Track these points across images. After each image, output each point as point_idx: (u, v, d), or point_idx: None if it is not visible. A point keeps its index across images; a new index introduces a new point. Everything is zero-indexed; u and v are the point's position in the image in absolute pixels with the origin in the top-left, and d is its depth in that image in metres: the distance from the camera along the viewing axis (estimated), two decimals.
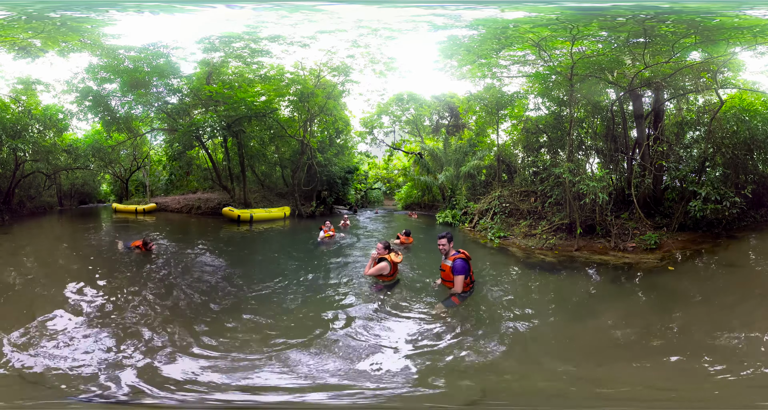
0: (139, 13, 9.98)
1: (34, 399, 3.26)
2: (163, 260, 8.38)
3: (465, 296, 5.31)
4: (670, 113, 11.97)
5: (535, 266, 8.24)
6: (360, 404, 3.26)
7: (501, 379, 3.68)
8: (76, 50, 13.16)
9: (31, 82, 16.00)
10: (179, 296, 5.90)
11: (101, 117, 18.04)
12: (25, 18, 9.88)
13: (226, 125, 17.11)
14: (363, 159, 28.32)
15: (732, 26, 8.25)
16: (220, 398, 3.31)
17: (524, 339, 4.49)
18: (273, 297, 5.97)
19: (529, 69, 12.22)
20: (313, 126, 20.80)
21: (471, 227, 13.94)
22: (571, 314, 5.52)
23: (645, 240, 8.90)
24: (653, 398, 3.35)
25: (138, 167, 26.36)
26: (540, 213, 11.88)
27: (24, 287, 6.34)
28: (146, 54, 14.59)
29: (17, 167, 16.93)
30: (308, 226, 15.77)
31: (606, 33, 9.48)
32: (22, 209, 18.27)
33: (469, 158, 17.01)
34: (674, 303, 5.71)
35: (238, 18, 11.52)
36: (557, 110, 13.25)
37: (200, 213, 19.86)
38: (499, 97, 14.47)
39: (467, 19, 9.87)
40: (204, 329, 4.66)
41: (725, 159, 9.52)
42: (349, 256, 9.18)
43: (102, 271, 7.18)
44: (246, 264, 8.42)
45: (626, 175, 11.08)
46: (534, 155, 14.50)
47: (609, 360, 4.07)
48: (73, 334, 4.40)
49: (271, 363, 3.84)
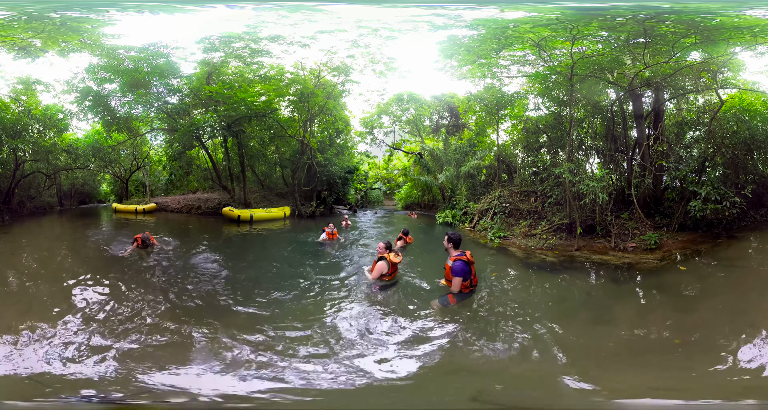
0: (139, 13, 9.97)
1: (34, 399, 3.26)
2: (163, 260, 8.38)
3: (462, 297, 5.31)
4: (670, 113, 11.97)
5: (535, 266, 8.24)
6: (359, 404, 3.26)
7: (500, 379, 3.68)
8: (76, 50, 13.15)
9: (31, 82, 15.98)
10: (179, 297, 5.90)
11: (101, 117, 18.04)
12: (25, 18, 9.88)
13: (226, 125, 17.11)
14: (363, 159, 28.33)
15: (732, 26, 8.25)
16: (219, 398, 3.31)
17: (524, 339, 4.49)
18: (272, 297, 5.96)
19: (529, 69, 12.22)
20: (313, 126, 20.81)
21: (471, 227, 13.94)
22: (570, 314, 5.52)
23: (645, 240, 8.90)
24: (653, 398, 3.35)
25: (138, 167, 26.36)
26: (540, 213, 11.88)
27: (24, 286, 6.34)
28: (146, 54, 14.58)
29: (17, 167, 16.92)
30: (308, 226, 15.77)
31: (606, 33, 9.48)
32: (22, 209, 18.27)
33: (469, 158, 17.01)
34: (674, 303, 5.71)
35: (238, 18, 11.52)
36: (557, 110, 13.25)
37: (200, 213, 19.86)
38: (499, 97, 14.46)
39: (467, 19, 9.87)
40: (204, 329, 4.66)
41: (725, 159, 9.51)
42: (349, 256, 9.19)
43: (102, 271, 7.18)
44: (246, 264, 8.42)
45: (626, 175, 11.08)
46: (534, 155, 14.49)
47: (609, 360, 4.07)
48: (73, 334, 4.40)
49: (270, 363, 3.84)
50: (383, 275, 6.18)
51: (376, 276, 6.14)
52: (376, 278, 6.15)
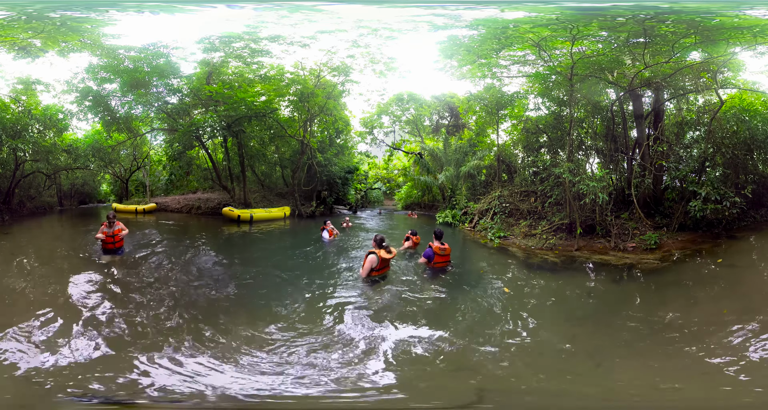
0: (139, 13, 9.97)
1: (34, 399, 3.26)
2: (163, 260, 8.38)
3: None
4: (670, 113, 11.96)
5: (535, 267, 8.24)
6: (357, 404, 3.26)
7: (500, 379, 3.68)
8: (76, 50, 13.14)
9: (31, 82, 15.97)
10: (179, 297, 5.90)
11: (101, 117, 18.01)
12: (25, 18, 9.87)
13: (226, 125, 17.10)
14: (363, 159, 28.31)
15: (732, 26, 8.25)
16: (219, 398, 3.31)
17: (524, 339, 4.49)
18: (272, 297, 5.96)
19: (529, 69, 12.22)
20: (313, 126, 20.79)
21: (471, 227, 13.94)
22: (570, 314, 5.52)
23: (645, 240, 8.90)
24: (654, 398, 3.35)
25: (138, 167, 26.34)
26: (540, 213, 11.88)
27: (24, 286, 6.33)
28: (146, 54, 14.57)
29: (17, 167, 16.91)
30: (308, 226, 15.77)
31: (606, 33, 9.47)
32: (22, 209, 18.26)
33: (469, 158, 17.00)
34: (675, 303, 5.70)
35: (238, 18, 11.51)
36: (557, 110, 13.25)
37: (200, 213, 19.86)
38: (499, 97, 14.45)
39: (467, 19, 9.86)
40: (204, 329, 4.66)
41: (725, 159, 9.51)
42: (348, 256, 9.18)
43: (102, 271, 7.18)
44: (245, 264, 8.42)
45: (626, 175, 11.08)
46: (534, 155, 14.49)
47: (609, 360, 4.07)
48: (73, 334, 4.40)
49: (270, 363, 3.84)
50: (373, 270, 6.28)
51: (367, 270, 6.26)
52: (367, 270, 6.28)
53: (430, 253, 7.16)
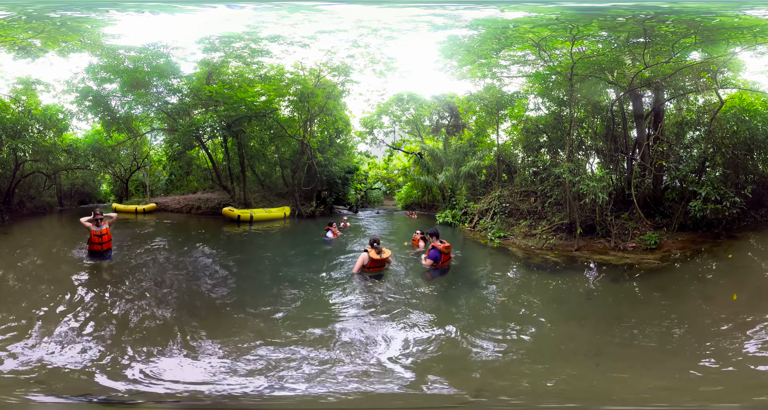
0: (139, 13, 9.97)
1: (34, 399, 3.26)
2: (163, 260, 8.38)
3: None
4: (670, 113, 11.95)
5: (536, 266, 8.24)
6: (357, 402, 3.26)
7: (499, 379, 3.68)
8: (76, 50, 13.13)
9: (31, 82, 15.95)
10: (179, 296, 5.90)
11: (101, 117, 18.00)
12: (25, 18, 9.87)
13: (226, 125, 17.10)
14: (363, 159, 28.27)
15: (732, 26, 8.25)
16: (219, 398, 3.31)
17: (524, 339, 4.49)
18: (272, 298, 5.96)
19: (529, 69, 12.21)
20: (313, 126, 20.78)
21: (471, 227, 13.93)
22: (570, 314, 5.52)
23: (645, 240, 8.89)
24: (654, 398, 3.35)
25: (138, 167, 26.32)
26: (540, 213, 11.88)
27: (24, 286, 6.33)
28: (146, 54, 14.56)
29: (17, 167, 16.90)
30: (308, 226, 15.77)
31: (606, 33, 9.47)
32: (22, 209, 18.25)
33: (469, 158, 16.99)
34: (675, 303, 5.71)
35: (238, 18, 11.51)
36: (557, 110, 13.24)
37: (200, 213, 19.86)
38: (499, 97, 14.44)
39: (467, 19, 9.86)
40: (204, 329, 4.66)
41: (725, 159, 9.50)
42: (347, 256, 9.18)
43: (102, 271, 7.18)
44: (245, 264, 8.42)
45: (626, 175, 11.08)
46: (534, 155, 14.49)
47: (609, 360, 4.07)
48: (73, 334, 4.40)
49: (270, 363, 3.84)
50: (364, 267, 6.61)
51: (358, 266, 6.62)
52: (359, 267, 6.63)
53: (437, 254, 7.12)
